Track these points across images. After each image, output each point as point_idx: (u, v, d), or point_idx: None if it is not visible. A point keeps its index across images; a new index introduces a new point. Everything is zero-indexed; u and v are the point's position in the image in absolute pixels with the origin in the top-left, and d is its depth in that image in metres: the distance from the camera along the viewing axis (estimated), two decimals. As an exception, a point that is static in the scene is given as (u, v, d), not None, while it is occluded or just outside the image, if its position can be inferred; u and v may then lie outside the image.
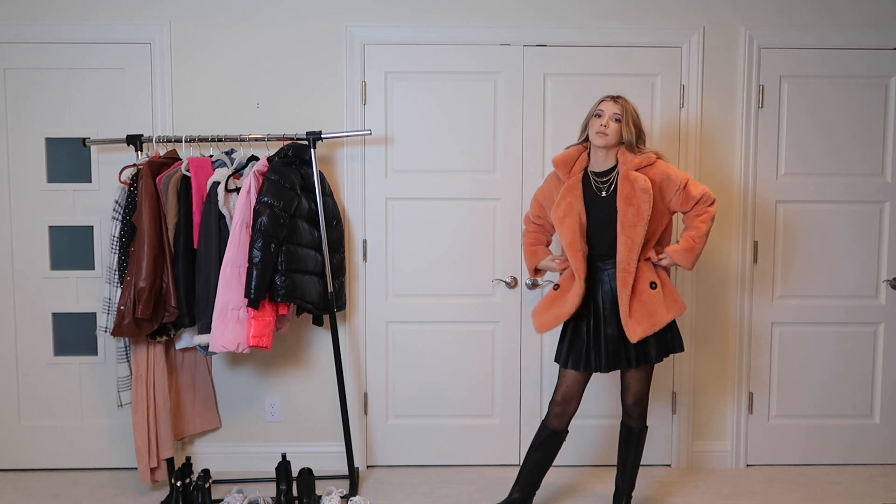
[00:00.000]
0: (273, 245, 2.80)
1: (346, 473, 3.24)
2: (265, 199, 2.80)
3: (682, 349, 2.74)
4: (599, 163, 2.69)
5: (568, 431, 2.78)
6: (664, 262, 2.70)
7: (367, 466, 3.39)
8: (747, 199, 3.29)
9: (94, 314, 3.28)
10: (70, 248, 3.30)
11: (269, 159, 2.96)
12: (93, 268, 3.29)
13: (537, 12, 3.22)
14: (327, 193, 3.14)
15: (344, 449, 3.23)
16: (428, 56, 3.22)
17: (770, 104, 3.27)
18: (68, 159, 3.26)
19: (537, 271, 2.96)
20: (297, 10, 3.21)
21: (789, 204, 3.33)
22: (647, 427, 2.85)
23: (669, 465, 3.41)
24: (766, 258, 3.34)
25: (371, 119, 3.25)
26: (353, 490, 3.15)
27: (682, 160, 3.27)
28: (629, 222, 2.58)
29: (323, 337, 3.31)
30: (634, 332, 2.59)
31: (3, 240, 3.27)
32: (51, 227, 3.28)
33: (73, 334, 3.33)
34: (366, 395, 3.38)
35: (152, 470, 3.07)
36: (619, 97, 2.65)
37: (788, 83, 3.27)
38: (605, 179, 2.68)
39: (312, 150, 3.00)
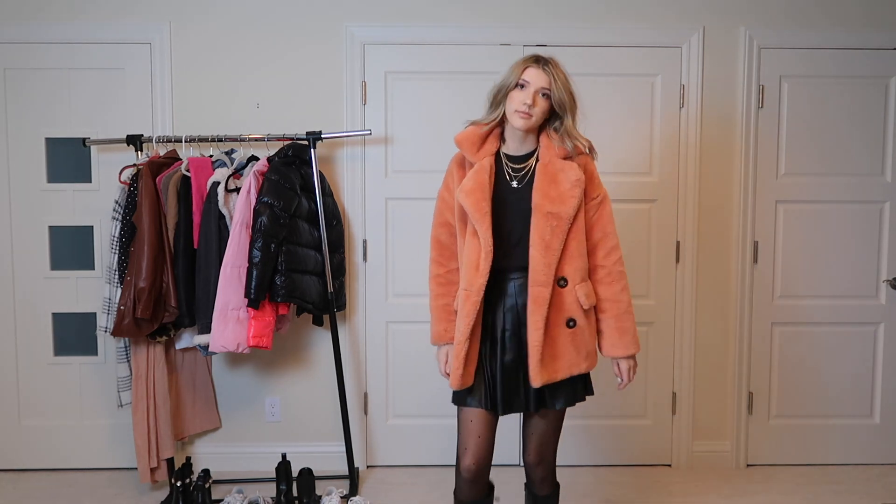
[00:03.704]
0: (273, 245, 2.80)
1: (346, 473, 3.24)
2: (265, 199, 2.80)
3: (583, 398, 2.17)
4: (515, 145, 2.12)
5: (497, 500, 2.34)
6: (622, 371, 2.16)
7: (367, 466, 3.39)
8: (747, 199, 3.29)
9: (94, 314, 3.28)
10: (70, 248, 3.30)
11: (269, 159, 2.96)
12: (93, 268, 3.29)
13: (537, 12, 3.22)
14: (327, 193, 3.14)
15: (344, 449, 3.23)
16: (428, 56, 3.22)
17: (770, 104, 3.27)
18: (68, 159, 3.26)
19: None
20: (297, 10, 3.21)
21: (789, 204, 3.32)
22: (558, 486, 2.30)
23: (669, 465, 3.41)
24: (766, 258, 3.34)
25: (371, 119, 3.25)
26: (353, 490, 3.15)
27: (683, 160, 3.27)
28: (546, 224, 2.01)
29: (323, 337, 3.31)
30: (538, 374, 2.02)
31: (3, 240, 3.27)
32: (51, 227, 3.28)
33: (73, 334, 3.33)
34: (366, 395, 3.38)
35: (152, 470, 3.07)
36: (548, 60, 2.04)
37: (788, 83, 3.27)
38: (520, 166, 2.12)
39: (312, 150, 3.00)
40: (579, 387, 2.13)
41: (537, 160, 2.09)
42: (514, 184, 2.09)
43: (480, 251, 2.03)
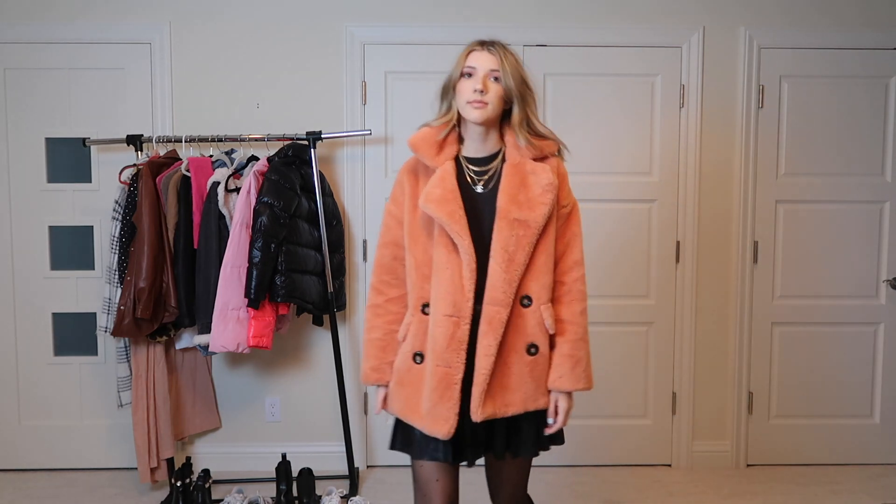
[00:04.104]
0: (273, 245, 2.79)
1: (346, 473, 3.24)
2: (265, 199, 2.80)
3: (561, 441, 1.90)
4: (476, 146, 1.85)
5: None
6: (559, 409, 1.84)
7: (367, 466, 3.39)
8: (747, 199, 3.29)
9: (94, 314, 3.28)
10: (70, 248, 3.30)
11: (269, 159, 2.96)
12: (93, 268, 3.29)
13: (537, 12, 3.22)
14: (327, 193, 3.14)
15: (344, 449, 3.23)
16: (428, 56, 3.22)
17: (770, 104, 3.27)
18: (68, 159, 3.26)
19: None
20: (297, 10, 3.21)
21: (789, 204, 3.32)
22: (531, 501, 2.02)
23: (669, 465, 3.41)
24: (766, 258, 3.34)
25: (371, 119, 3.25)
26: (353, 490, 3.15)
27: (683, 160, 3.27)
28: (510, 232, 1.75)
29: (323, 337, 3.31)
30: (479, 406, 1.74)
31: (3, 240, 3.27)
32: (51, 227, 3.28)
33: (73, 334, 3.33)
34: (366, 395, 3.37)
35: (152, 470, 3.07)
36: (493, 42, 1.82)
37: (788, 83, 3.27)
38: (483, 169, 1.85)
39: (312, 150, 3.00)
40: (543, 430, 1.85)
41: (504, 161, 1.84)
42: (479, 188, 1.82)
43: (462, 269, 1.75)
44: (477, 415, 1.75)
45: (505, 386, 1.78)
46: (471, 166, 1.85)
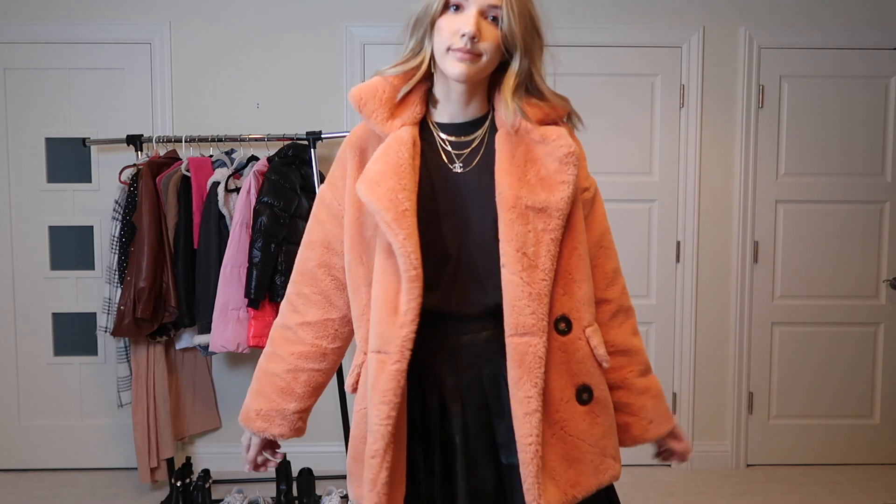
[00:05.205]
0: (273, 245, 2.79)
1: (346, 473, 3.23)
2: (265, 199, 2.80)
3: None
4: (453, 108, 1.30)
5: None
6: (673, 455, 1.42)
7: (367, 466, 3.38)
8: (747, 199, 3.29)
9: (94, 314, 3.28)
10: (70, 248, 3.30)
11: (269, 159, 2.95)
12: (93, 268, 3.29)
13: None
14: (327, 193, 3.13)
15: (344, 449, 3.22)
16: (428, 56, 3.22)
17: (770, 104, 3.27)
18: (68, 159, 3.26)
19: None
20: (297, 9, 3.21)
21: (789, 204, 3.32)
22: None
23: (669, 465, 3.41)
24: (766, 258, 3.34)
25: (371, 119, 3.24)
26: (353, 490, 3.14)
27: (683, 160, 3.27)
28: (524, 226, 1.21)
29: (323, 337, 3.30)
30: (539, 493, 1.18)
31: (3, 240, 3.26)
32: (51, 227, 3.27)
33: (73, 334, 3.32)
34: (366, 395, 3.37)
35: (152, 470, 3.06)
36: None
37: (788, 83, 3.27)
38: (464, 140, 1.30)
39: (312, 150, 3.00)
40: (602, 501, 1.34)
41: (492, 127, 1.30)
42: (457, 167, 1.28)
43: (399, 279, 1.20)
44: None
45: (567, 457, 1.24)
46: (444, 135, 1.30)
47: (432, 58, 1.26)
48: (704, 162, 3.28)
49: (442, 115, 1.32)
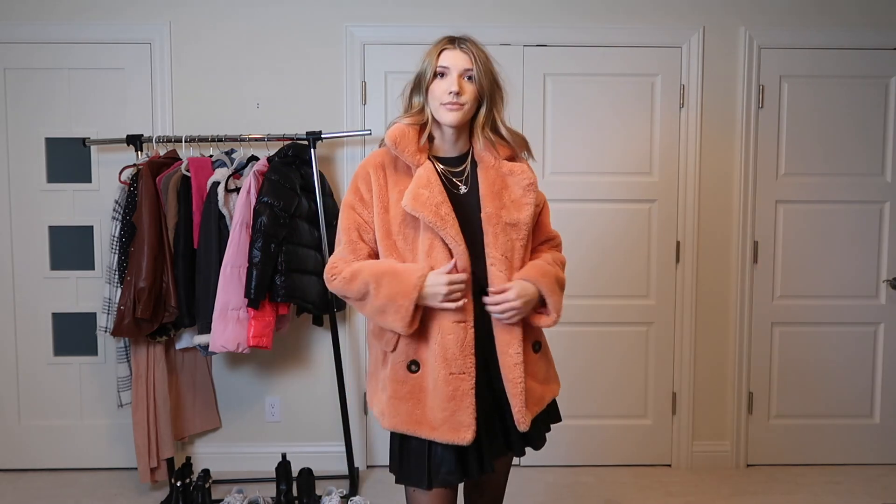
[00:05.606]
0: (273, 245, 2.80)
1: (346, 473, 3.24)
2: (265, 199, 2.80)
3: (558, 418, 1.99)
4: (447, 146, 1.83)
5: None
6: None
7: (367, 466, 3.39)
8: (747, 199, 3.29)
9: (94, 314, 3.28)
10: (70, 248, 3.30)
11: (269, 159, 2.96)
12: (93, 268, 3.29)
13: (537, 12, 3.22)
14: (327, 193, 3.13)
15: (344, 449, 3.23)
16: (428, 56, 3.22)
17: (770, 104, 3.27)
18: (68, 159, 3.26)
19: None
20: (297, 9, 3.21)
21: (789, 204, 3.32)
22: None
23: (669, 465, 3.41)
24: (766, 258, 3.34)
25: (371, 119, 3.24)
26: (354, 490, 3.15)
27: (683, 160, 3.27)
28: (505, 237, 1.77)
29: (323, 337, 3.31)
30: (524, 417, 1.78)
31: (3, 240, 3.27)
32: (51, 227, 3.28)
33: (73, 334, 3.33)
34: (365, 394, 3.37)
35: (152, 470, 3.07)
36: (464, 38, 1.77)
37: (788, 83, 3.27)
38: (457, 170, 1.82)
39: (312, 150, 3.00)
40: (554, 413, 1.96)
41: (473, 161, 1.82)
42: (462, 190, 1.79)
43: (449, 258, 1.73)
44: (525, 425, 1.77)
45: (530, 385, 1.82)
46: (442, 166, 1.81)
47: (431, 113, 1.77)
48: (704, 162, 3.28)
49: (440, 150, 1.83)
